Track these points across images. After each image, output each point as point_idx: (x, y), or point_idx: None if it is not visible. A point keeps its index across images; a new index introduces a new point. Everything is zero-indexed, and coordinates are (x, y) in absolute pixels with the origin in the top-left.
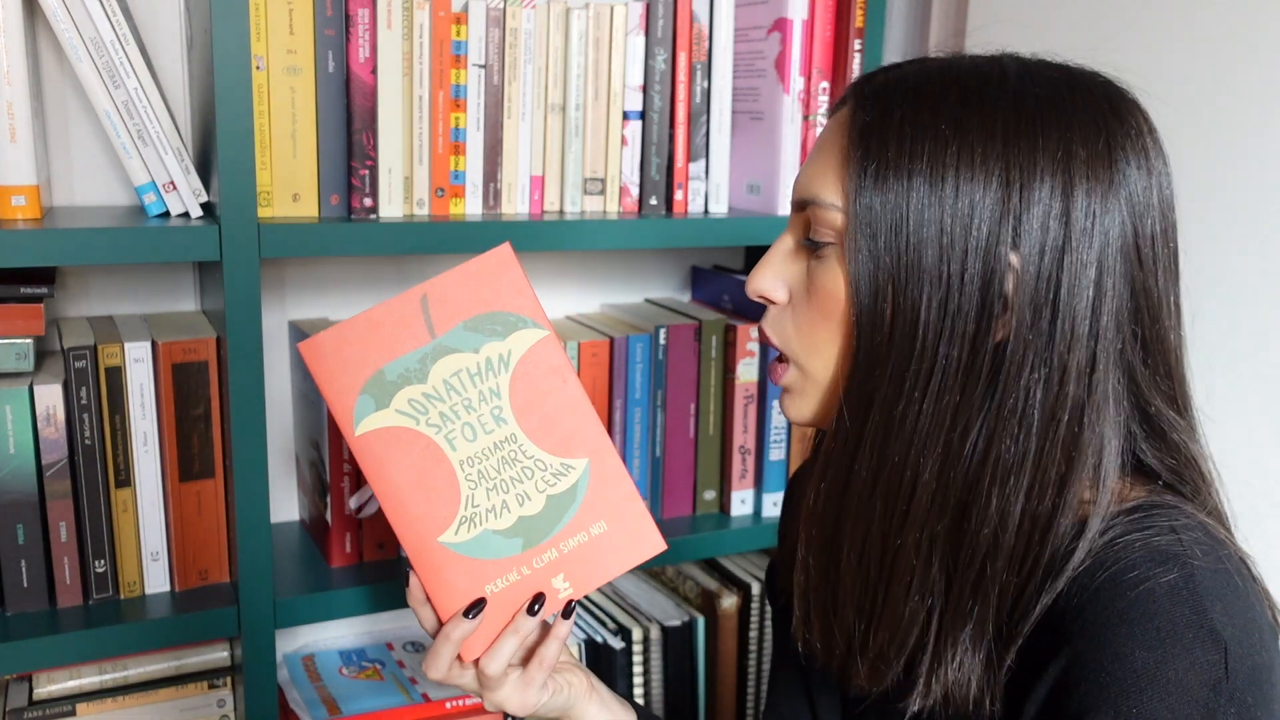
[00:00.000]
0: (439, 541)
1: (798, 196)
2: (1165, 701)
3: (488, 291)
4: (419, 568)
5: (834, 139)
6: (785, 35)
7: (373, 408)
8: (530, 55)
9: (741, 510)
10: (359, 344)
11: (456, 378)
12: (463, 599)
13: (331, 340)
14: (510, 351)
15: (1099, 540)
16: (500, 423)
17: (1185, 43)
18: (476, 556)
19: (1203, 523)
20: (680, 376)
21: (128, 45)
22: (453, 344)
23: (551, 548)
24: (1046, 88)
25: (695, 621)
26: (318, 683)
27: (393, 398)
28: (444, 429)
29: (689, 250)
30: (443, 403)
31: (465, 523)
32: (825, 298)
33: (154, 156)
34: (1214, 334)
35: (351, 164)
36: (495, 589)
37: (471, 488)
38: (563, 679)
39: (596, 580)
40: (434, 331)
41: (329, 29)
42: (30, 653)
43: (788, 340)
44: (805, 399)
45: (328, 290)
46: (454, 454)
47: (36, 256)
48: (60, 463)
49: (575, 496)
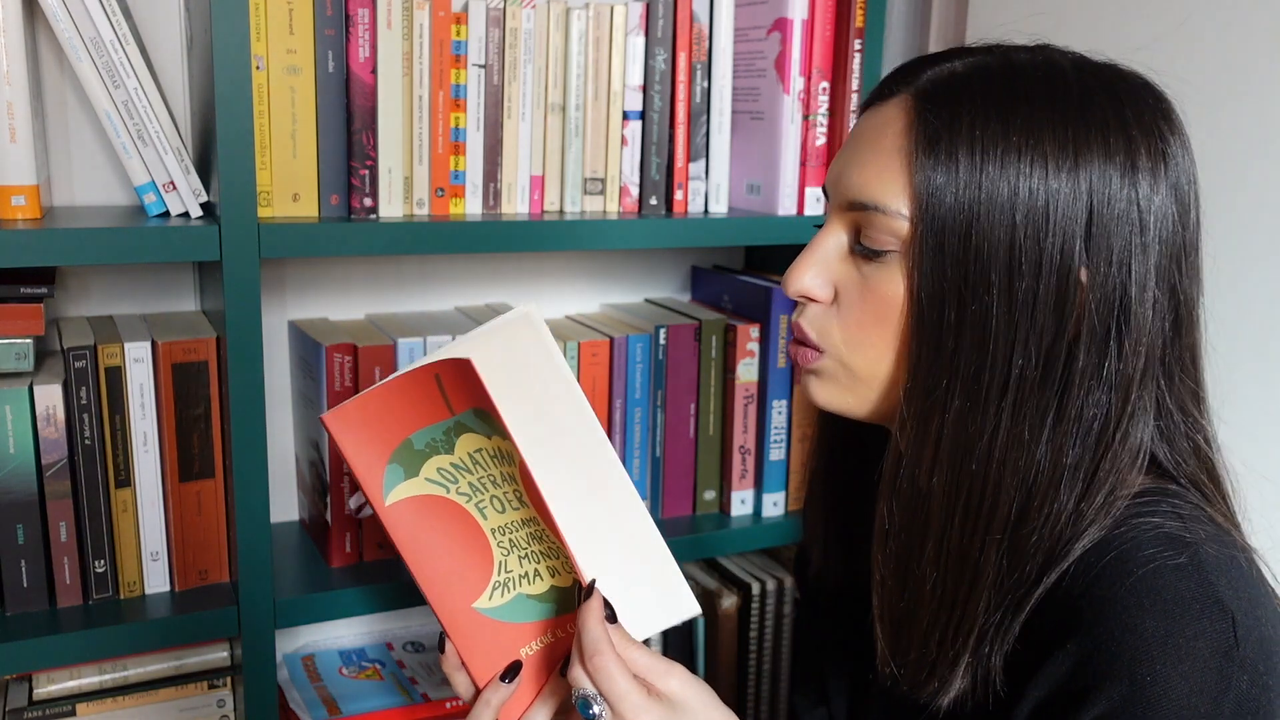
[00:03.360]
0: (473, 607)
1: (852, 198)
2: (1179, 668)
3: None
4: (453, 634)
5: (891, 140)
6: (785, 35)
7: (402, 476)
8: (530, 55)
9: (741, 510)
10: (384, 414)
11: (480, 454)
12: (498, 663)
13: (356, 410)
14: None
15: (1104, 526)
16: (523, 504)
17: (1185, 42)
18: (512, 621)
19: (1206, 511)
20: (680, 376)
21: (128, 45)
22: (469, 424)
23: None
24: (1104, 89)
25: (695, 621)
26: (318, 683)
27: (421, 467)
28: (474, 498)
29: (689, 250)
30: (470, 474)
31: (499, 588)
32: (882, 303)
33: (154, 156)
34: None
35: (351, 164)
36: (530, 651)
37: (504, 555)
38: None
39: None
40: (452, 409)
41: (329, 29)
42: (30, 653)
43: (830, 338)
44: (838, 386)
45: (328, 290)
46: (485, 522)
47: (36, 256)
48: (60, 463)
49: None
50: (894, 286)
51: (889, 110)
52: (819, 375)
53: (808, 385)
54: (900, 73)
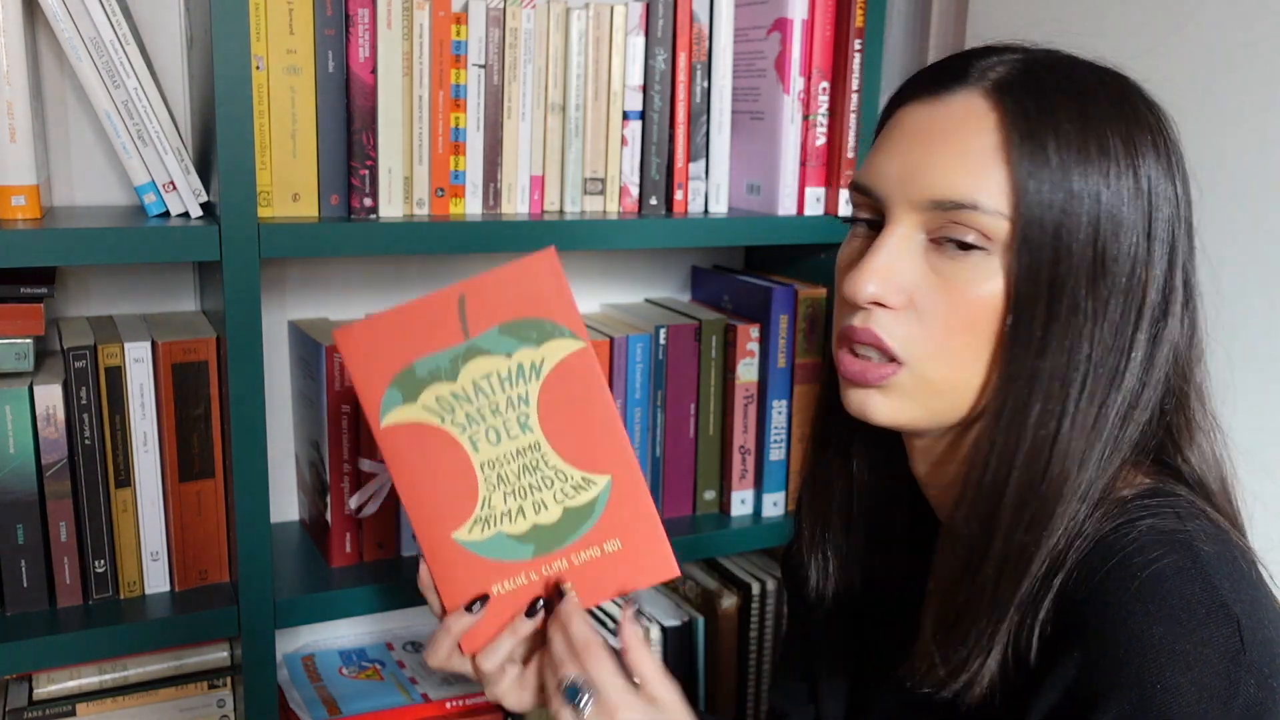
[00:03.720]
0: (452, 537)
1: (937, 196)
2: (1187, 674)
3: (527, 296)
4: (430, 560)
5: (978, 136)
6: (785, 35)
7: (400, 401)
8: (530, 55)
9: (741, 510)
10: (393, 337)
11: (486, 380)
12: (468, 595)
13: (366, 331)
14: (543, 360)
15: (1104, 525)
16: (525, 430)
17: (1185, 43)
18: (487, 556)
19: (1205, 510)
20: (680, 376)
21: (128, 45)
22: (486, 346)
23: (562, 557)
24: (1134, 92)
25: (695, 621)
26: (318, 683)
27: (421, 394)
28: (469, 430)
29: (689, 250)
30: (470, 404)
31: (480, 523)
32: (974, 305)
33: (154, 156)
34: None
35: (351, 164)
36: (502, 589)
37: (490, 490)
38: None
39: (602, 596)
40: (468, 332)
41: (329, 29)
42: (30, 653)
43: (909, 345)
44: (907, 400)
45: (328, 290)
46: (476, 455)
47: (36, 256)
48: (60, 463)
49: (593, 511)
50: (984, 286)
51: (959, 105)
52: (887, 390)
53: (868, 402)
54: (951, 68)
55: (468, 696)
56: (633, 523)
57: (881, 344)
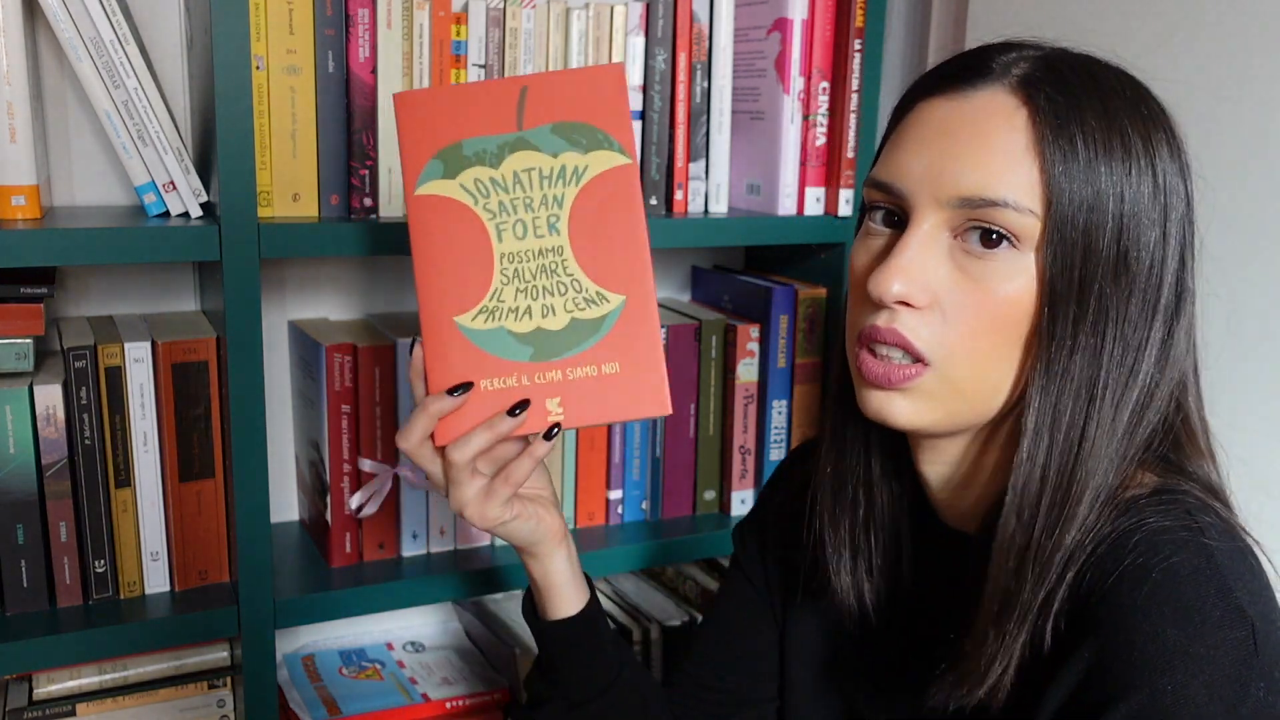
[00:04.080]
0: (454, 320)
1: (968, 193)
2: (1199, 677)
3: (586, 102)
4: (428, 341)
5: (1008, 134)
6: (785, 35)
7: (440, 174)
8: (530, 55)
9: (742, 510)
10: (449, 111)
11: (527, 174)
12: (457, 381)
13: (424, 99)
14: (587, 167)
15: (1117, 524)
16: (553, 231)
17: (1184, 43)
18: (484, 348)
19: (1214, 507)
20: (680, 376)
21: (128, 45)
22: (535, 141)
23: (558, 369)
24: (1144, 88)
25: (695, 621)
26: (318, 683)
27: (461, 172)
28: (498, 218)
29: (689, 250)
30: (506, 193)
31: (485, 313)
32: (1004, 304)
33: (154, 156)
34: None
35: (351, 164)
36: (490, 386)
37: (503, 283)
38: (532, 509)
39: (590, 418)
40: (522, 123)
41: (329, 29)
42: (30, 653)
43: (938, 346)
44: (931, 403)
45: (328, 290)
46: (499, 245)
47: (36, 256)
48: (60, 463)
49: (600, 328)
50: (1012, 285)
51: (986, 100)
52: (910, 393)
53: (889, 404)
54: (971, 63)
55: (468, 696)
56: (636, 349)
57: (909, 345)
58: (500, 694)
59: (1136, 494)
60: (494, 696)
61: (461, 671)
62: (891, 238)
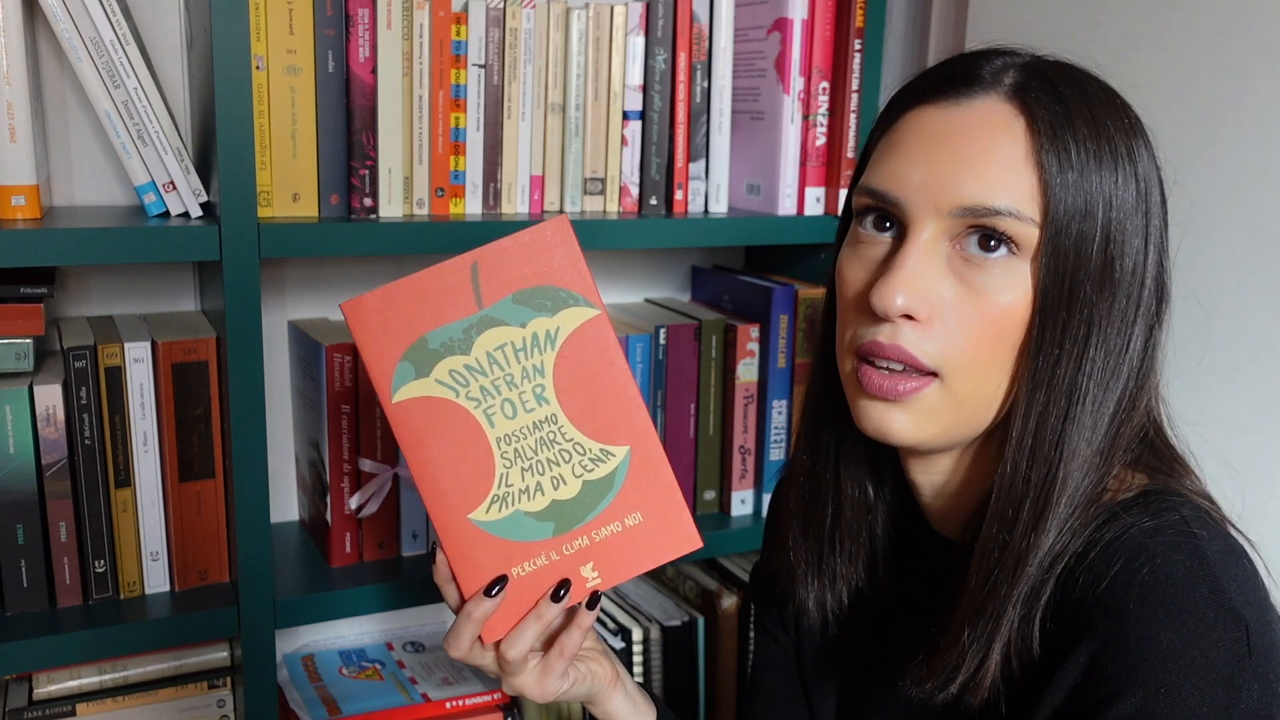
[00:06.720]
0: (469, 519)
1: (971, 203)
2: (1193, 680)
3: (540, 264)
4: (447, 544)
5: (1007, 142)
6: (785, 35)
7: (412, 375)
8: (530, 55)
9: (741, 510)
10: (404, 308)
11: (501, 351)
12: (488, 578)
13: (376, 302)
14: (558, 329)
15: (1107, 526)
16: (542, 402)
17: (1182, 44)
18: (506, 537)
19: (1202, 506)
20: (680, 376)
21: (128, 45)
22: (499, 316)
23: (583, 535)
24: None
25: (695, 621)
26: (318, 683)
27: (434, 367)
28: (484, 403)
29: (689, 250)
30: (484, 376)
31: (497, 502)
32: (1003, 313)
33: (154, 156)
34: (1230, 336)
35: (351, 164)
36: (522, 572)
37: (507, 466)
38: (585, 668)
39: (627, 572)
40: (481, 302)
41: (329, 29)
42: (30, 653)
43: (943, 359)
44: (932, 417)
45: (328, 290)
46: (492, 430)
47: (36, 256)
48: (60, 463)
49: (613, 484)
50: (1011, 294)
51: (982, 109)
52: (910, 406)
53: (888, 419)
54: (960, 71)
55: (468, 696)
56: (653, 495)
57: (912, 360)
58: (500, 695)
59: (1127, 496)
60: (494, 697)
61: (461, 671)
62: (884, 246)
